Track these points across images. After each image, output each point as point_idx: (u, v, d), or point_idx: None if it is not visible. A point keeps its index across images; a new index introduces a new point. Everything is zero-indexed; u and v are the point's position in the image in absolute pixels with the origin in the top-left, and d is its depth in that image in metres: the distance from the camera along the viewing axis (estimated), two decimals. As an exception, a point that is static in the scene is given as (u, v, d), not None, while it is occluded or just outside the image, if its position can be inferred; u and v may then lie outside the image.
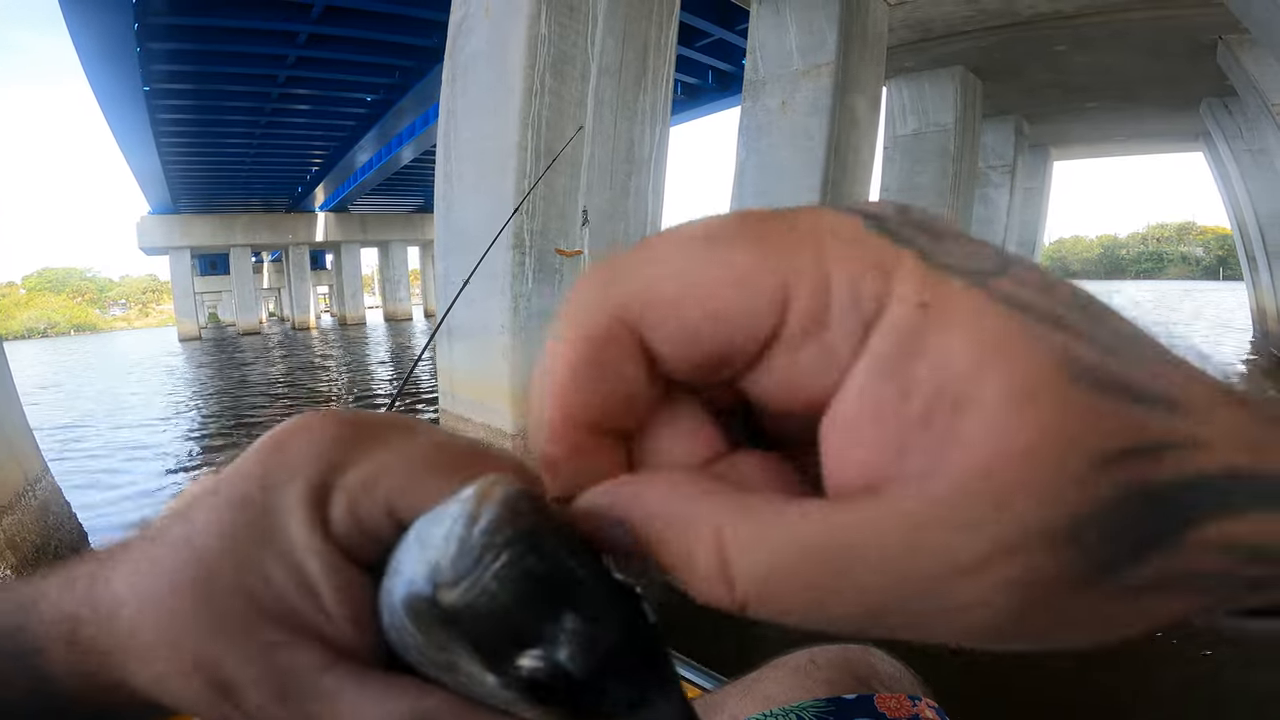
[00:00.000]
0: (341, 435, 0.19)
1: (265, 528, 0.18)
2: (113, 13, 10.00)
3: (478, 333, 4.78)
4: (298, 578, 0.18)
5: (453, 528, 0.15)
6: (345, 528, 0.18)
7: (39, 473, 4.15)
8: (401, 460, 0.19)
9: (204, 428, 9.34)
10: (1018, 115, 14.76)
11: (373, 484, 0.18)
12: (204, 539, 0.19)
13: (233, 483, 0.19)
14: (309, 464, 0.19)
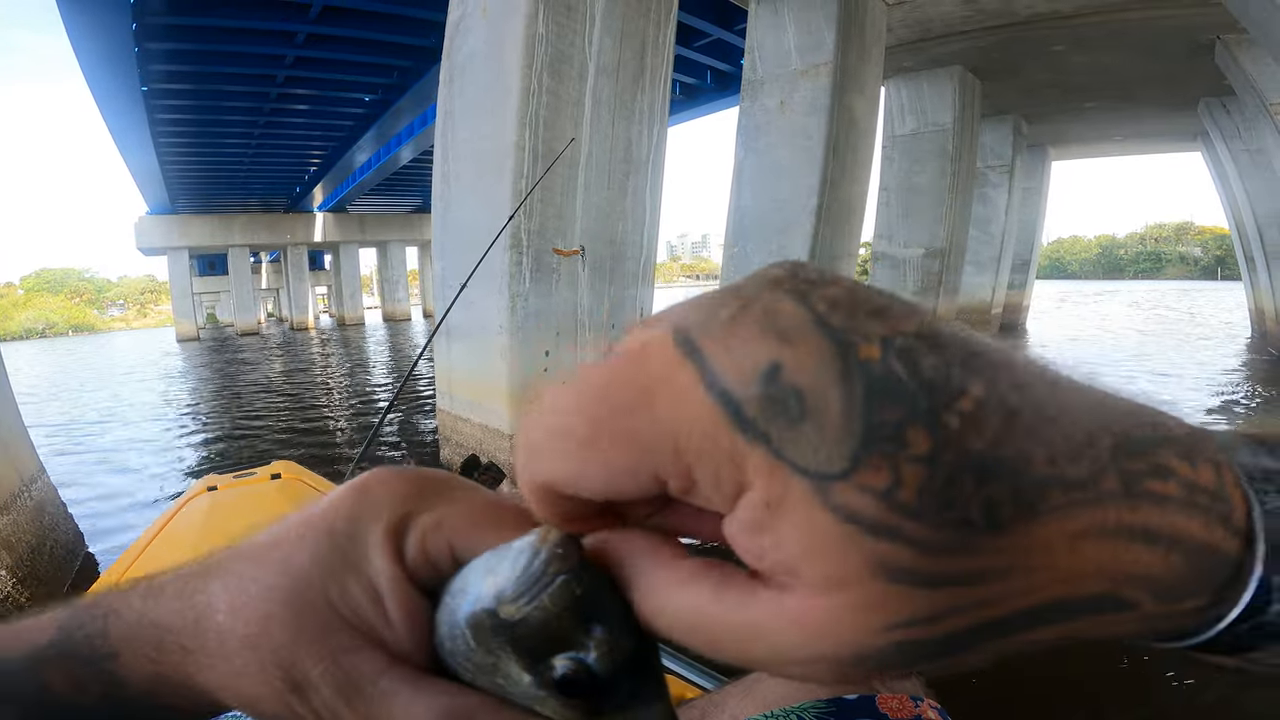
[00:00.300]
0: (414, 487, 0.24)
1: (350, 553, 0.22)
2: (111, 13, 9.98)
3: (475, 333, 4.77)
4: (371, 594, 0.22)
5: (518, 560, 0.20)
6: (414, 559, 0.23)
7: (35, 473, 4.14)
8: (462, 511, 0.23)
9: (202, 430, 9.32)
10: (1016, 115, 14.77)
11: (439, 526, 0.23)
12: (298, 559, 0.23)
13: (325, 516, 0.23)
14: (389, 506, 0.23)
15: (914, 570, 0.15)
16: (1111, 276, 59.28)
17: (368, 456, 1.55)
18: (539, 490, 0.20)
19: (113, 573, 1.87)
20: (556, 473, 0.19)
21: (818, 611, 0.16)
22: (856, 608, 0.15)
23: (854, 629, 0.15)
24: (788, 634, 0.16)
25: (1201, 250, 57.59)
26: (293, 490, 2.32)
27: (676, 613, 0.18)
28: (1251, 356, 12.18)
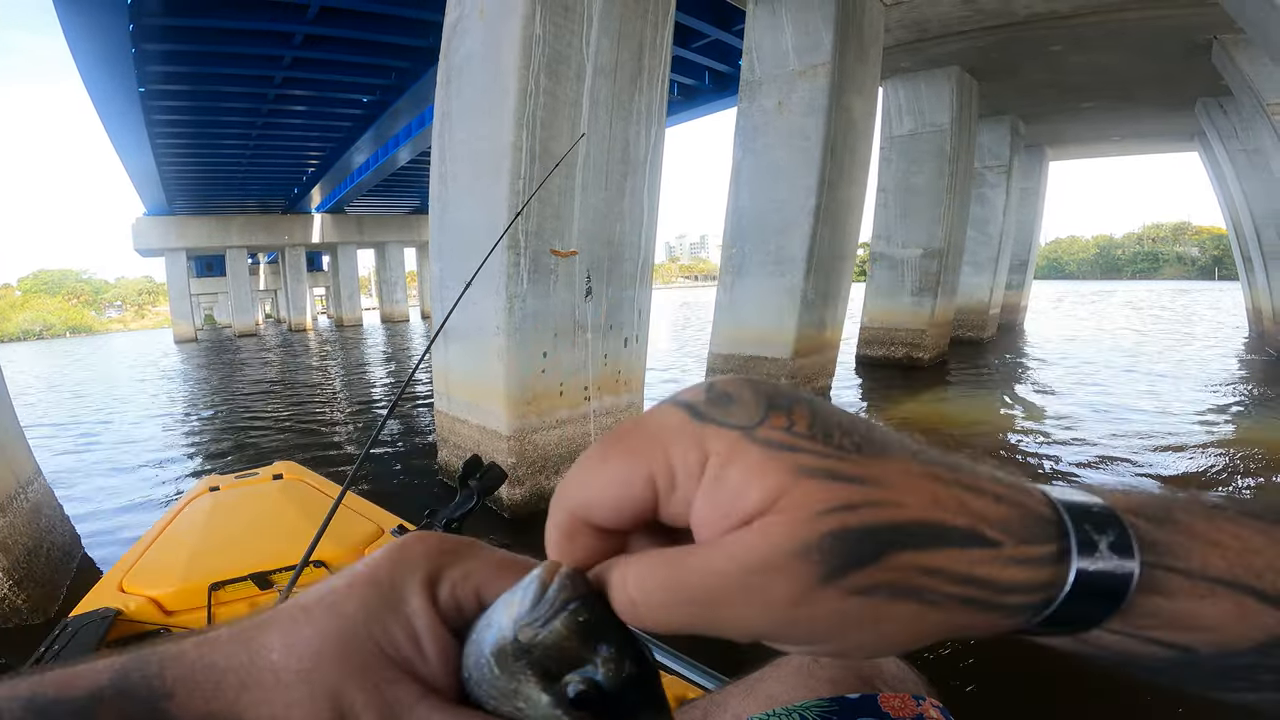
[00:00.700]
0: (446, 546, 0.28)
1: (392, 599, 0.26)
2: (107, 14, 9.96)
3: (472, 334, 4.76)
4: (410, 634, 0.25)
5: (529, 590, 0.24)
6: (445, 604, 0.26)
7: (31, 475, 4.12)
8: (486, 564, 0.27)
9: (200, 432, 9.31)
10: (1013, 115, 14.79)
11: (467, 577, 0.27)
12: (347, 605, 0.26)
13: (370, 569, 0.27)
14: (425, 561, 0.27)
15: (819, 468, 0.22)
16: (1109, 277, 59.35)
17: (369, 458, 1.55)
18: (564, 522, 0.25)
19: (116, 572, 1.86)
20: (579, 495, 0.24)
21: (764, 522, 0.21)
22: (789, 505, 0.21)
23: (791, 523, 0.21)
24: (743, 555, 0.21)
25: (1199, 250, 57.67)
26: (295, 491, 2.32)
27: (647, 590, 0.23)
28: (1249, 356, 12.19)
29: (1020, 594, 0.23)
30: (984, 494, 0.23)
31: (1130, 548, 0.23)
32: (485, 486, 1.38)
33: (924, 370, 11.41)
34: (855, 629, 0.22)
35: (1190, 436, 6.64)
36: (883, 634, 0.22)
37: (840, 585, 0.21)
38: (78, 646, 1.49)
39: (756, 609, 0.21)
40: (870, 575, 0.21)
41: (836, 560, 0.21)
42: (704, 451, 0.23)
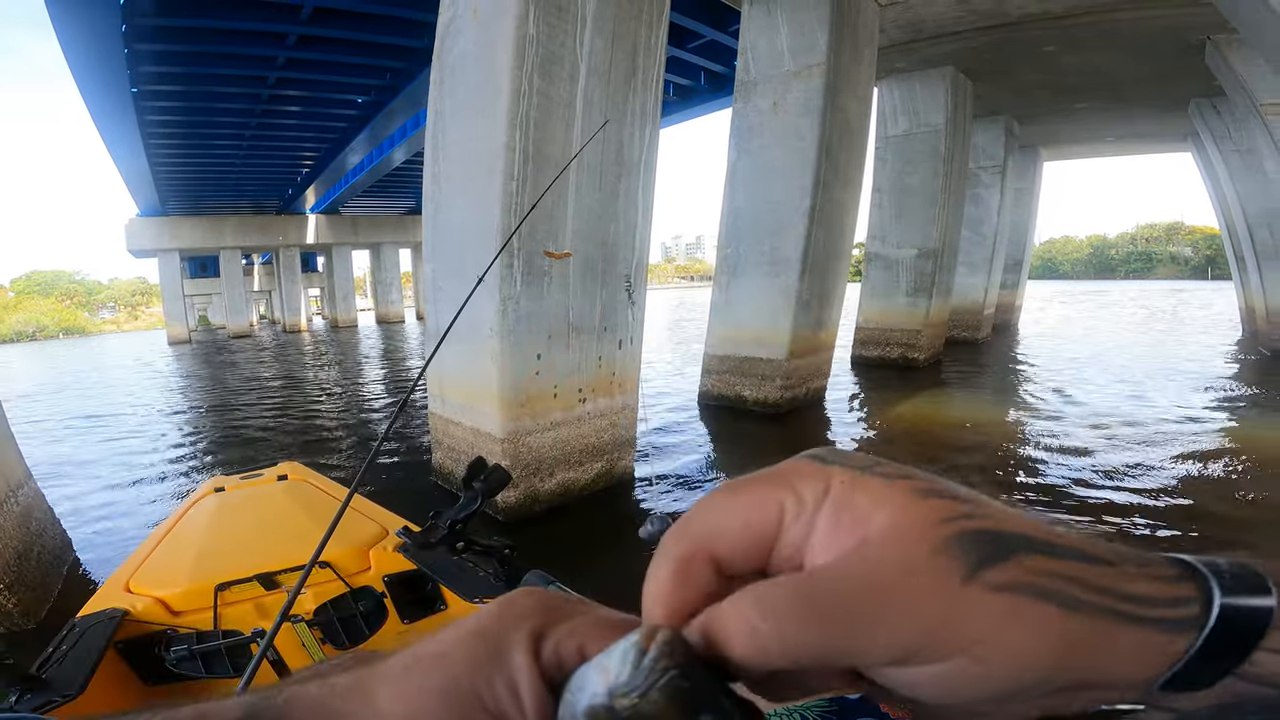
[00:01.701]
0: (551, 603, 0.28)
1: (497, 653, 0.26)
2: (100, 14, 9.90)
3: (466, 336, 4.74)
4: (511, 687, 0.25)
5: (627, 656, 0.23)
6: (548, 660, 0.26)
7: (21, 479, 4.09)
8: (592, 622, 0.27)
9: (195, 435, 9.26)
10: (1008, 116, 14.82)
11: (573, 634, 0.26)
12: (454, 657, 0.27)
13: (479, 623, 0.27)
14: (532, 617, 0.27)
15: (934, 489, 0.24)
16: (1103, 276, 59.54)
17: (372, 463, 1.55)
18: (685, 554, 0.25)
19: (123, 572, 1.87)
20: (707, 521, 0.25)
21: (895, 529, 0.23)
22: (915, 517, 0.23)
23: (923, 529, 0.22)
24: (881, 559, 0.22)
25: (1192, 250, 57.87)
26: (299, 491, 2.31)
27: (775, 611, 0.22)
28: (1243, 355, 12.24)
29: (1172, 609, 0.22)
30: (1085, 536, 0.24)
31: (1262, 578, 0.23)
32: (490, 488, 1.37)
33: (920, 370, 11.41)
34: (1005, 630, 0.21)
35: (1186, 435, 6.65)
36: (1027, 637, 0.21)
37: (982, 580, 0.21)
38: (86, 646, 1.49)
39: (903, 612, 0.21)
40: (1007, 573, 0.22)
41: (973, 556, 0.22)
42: (829, 483, 0.24)
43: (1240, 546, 0.26)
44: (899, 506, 0.23)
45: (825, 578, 0.22)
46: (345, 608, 1.87)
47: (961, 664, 0.22)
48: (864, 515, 0.23)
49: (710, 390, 8.86)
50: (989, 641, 0.21)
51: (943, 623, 0.21)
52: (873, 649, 0.22)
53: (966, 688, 0.22)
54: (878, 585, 0.22)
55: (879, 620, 0.21)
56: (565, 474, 5.13)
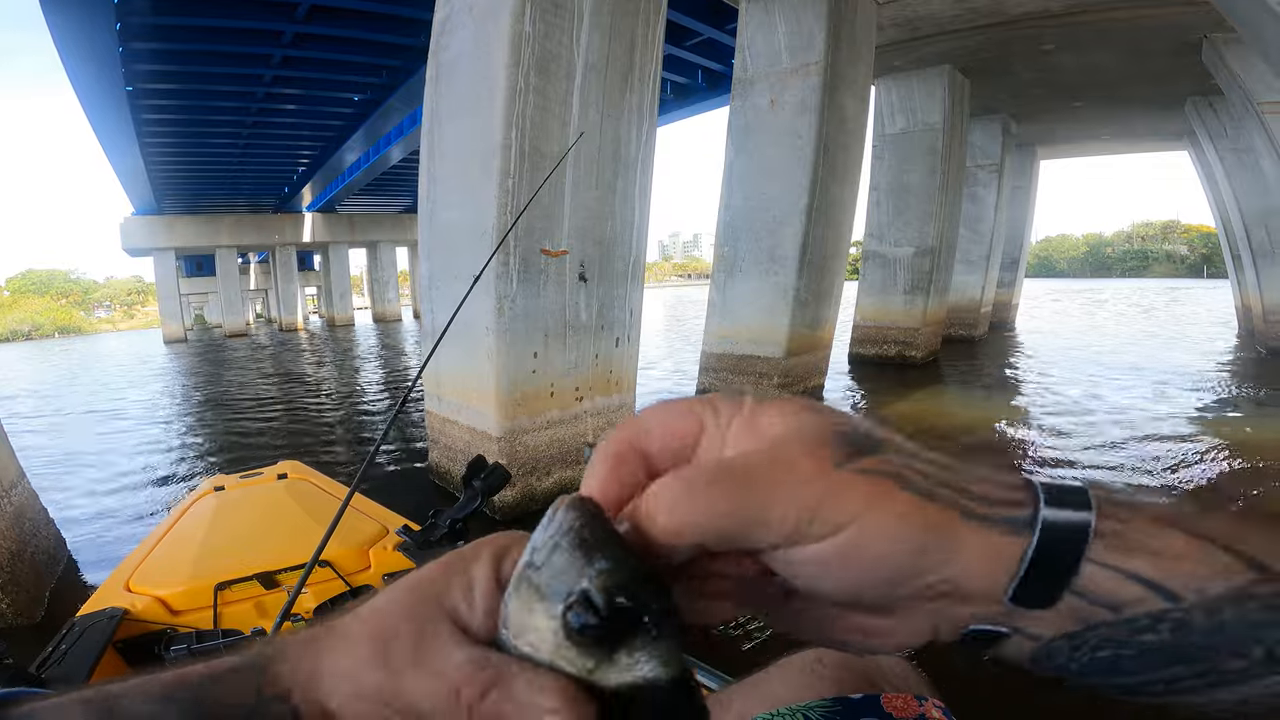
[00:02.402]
0: (521, 538, 0.29)
1: (462, 564, 0.28)
2: (94, 12, 9.85)
3: (462, 334, 4.72)
4: (466, 588, 0.28)
5: (544, 520, 0.25)
6: (507, 570, 0.28)
7: (14, 478, 4.07)
8: None
9: (189, 437, 9.23)
10: (1005, 114, 14.83)
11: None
12: (427, 570, 0.29)
13: (454, 551, 0.30)
14: (498, 541, 0.29)
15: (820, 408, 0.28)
16: (1099, 275, 59.62)
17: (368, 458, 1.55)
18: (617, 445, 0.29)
19: (123, 571, 1.87)
20: (640, 420, 0.29)
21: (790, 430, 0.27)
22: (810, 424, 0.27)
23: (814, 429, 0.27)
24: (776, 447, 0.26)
25: (1188, 249, 57.99)
26: (300, 490, 2.31)
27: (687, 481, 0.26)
28: (1240, 354, 12.27)
29: (1010, 509, 0.25)
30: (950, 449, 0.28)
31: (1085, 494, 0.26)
32: (489, 486, 1.37)
33: (917, 369, 11.42)
34: (868, 510, 0.25)
35: (1182, 433, 6.66)
36: (889, 518, 0.25)
37: (854, 465, 0.25)
38: (85, 646, 1.48)
39: (792, 490, 0.25)
40: (872, 462, 0.26)
41: (848, 447, 0.26)
42: (743, 404, 0.29)
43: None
44: (795, 415, 0.27)
45: (735, 461, 0.26)
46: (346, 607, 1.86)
47: (837, 543, 0.25)
48: (767, 425, 0.27)
49: (707, 389, 8.81)
50: (860, 520, 0.24)
51: (822, 500, 0.25)
52: (769, 522, 0.25)
53: (841, 569, 0.25)
54: (775, 467, 0.25)
55: (774, 497, 0.25)
56: (563, 473, 5.12)
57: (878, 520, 0.25)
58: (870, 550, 0.25)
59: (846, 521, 0.24)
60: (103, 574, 4.14)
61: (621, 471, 0.28)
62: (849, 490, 0.25)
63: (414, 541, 1.41)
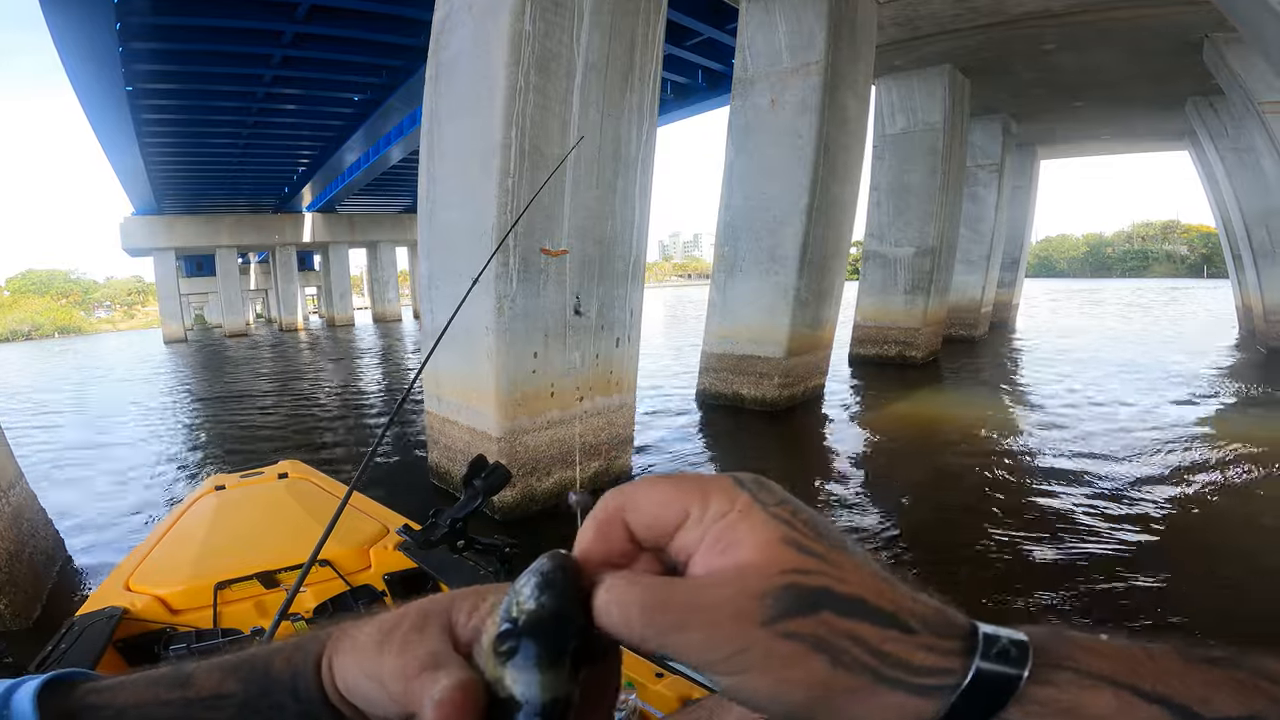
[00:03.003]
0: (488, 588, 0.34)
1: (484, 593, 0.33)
2: (94, 12, 9.84)
3: (462, 334, 4.70)
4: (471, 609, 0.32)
5: (531, 565, 0.30)
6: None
7: (13, 479, 4.05)
8: None
9: (188, 437, 9.22)
10: (1005, 114, 14.82)
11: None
12: (455, 591, 0.34)
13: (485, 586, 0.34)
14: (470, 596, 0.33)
15: (797, 541, 0.28)
16: (1099, 275, 59.56)
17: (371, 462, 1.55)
18: (604, 514, 0.31)
19: (123, 570, 1.87)
20: (629, 495, 0.31)
21: (743, 567, 0.28)
22: (766, 560, 0.28)
23: (761, 574, 0.27)
24: (717, 590, 0.27)
25: (1188, 249, 57.92)
26: (300, 490, 2.31)
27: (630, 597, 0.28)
28: (1240, 354, 12.25)
29: (929, 677, 0.26)
30: (912, 597, 0.28)
31: (1026, 650, 0.27)
32: (490, 486, 1.36)
33: (917, 369, 11.41)
34: (775, 668, 0.26)
35: (1182, 433, 6.65)
36: (792, 678, 0.26)
37: (777, 627, 0.26)
38: (85, 645, 1.49)
39: (710, 634, 0.27)
40: (801, 624, 0.26)
41: (780, 607, 0.27)
42: (733, 506, 0.29)
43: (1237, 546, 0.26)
44: (760, 548, 0.28)
45: (673, 588, 0.28)
46: (345, 606, 1.86)
47: (739, 681, 0.27)
48: (735, 545, 0.28)
49: (708, 389, 8.84)
50: (758, 673, 0.26)
51: (729, 651, 0.26)
52: (681, 652, 0.27)
53: (741, 699, 0.27)
54: (705, 608, 0.27)
55: (685, 636, 0.27)
56: (563, 473, 5.11)
57: (767, 677, 0.26)
58: (759, 698, 0.27)
59: (737, 672, 0.26)
60: (101, 575, 4.12)
61: (608, 536, 0.31)
62: (752, 647, 0.26)
63: (415, 541, 1.40)
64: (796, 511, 0.30)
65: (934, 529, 4.66)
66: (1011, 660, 0.26)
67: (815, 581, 0.27)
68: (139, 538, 2.18)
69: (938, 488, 5.53)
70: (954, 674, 0.26)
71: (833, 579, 0.28)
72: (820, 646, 0.26)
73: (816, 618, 0.26)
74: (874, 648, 0.26)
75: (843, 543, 0.30)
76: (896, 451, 6.70)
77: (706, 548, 0.29)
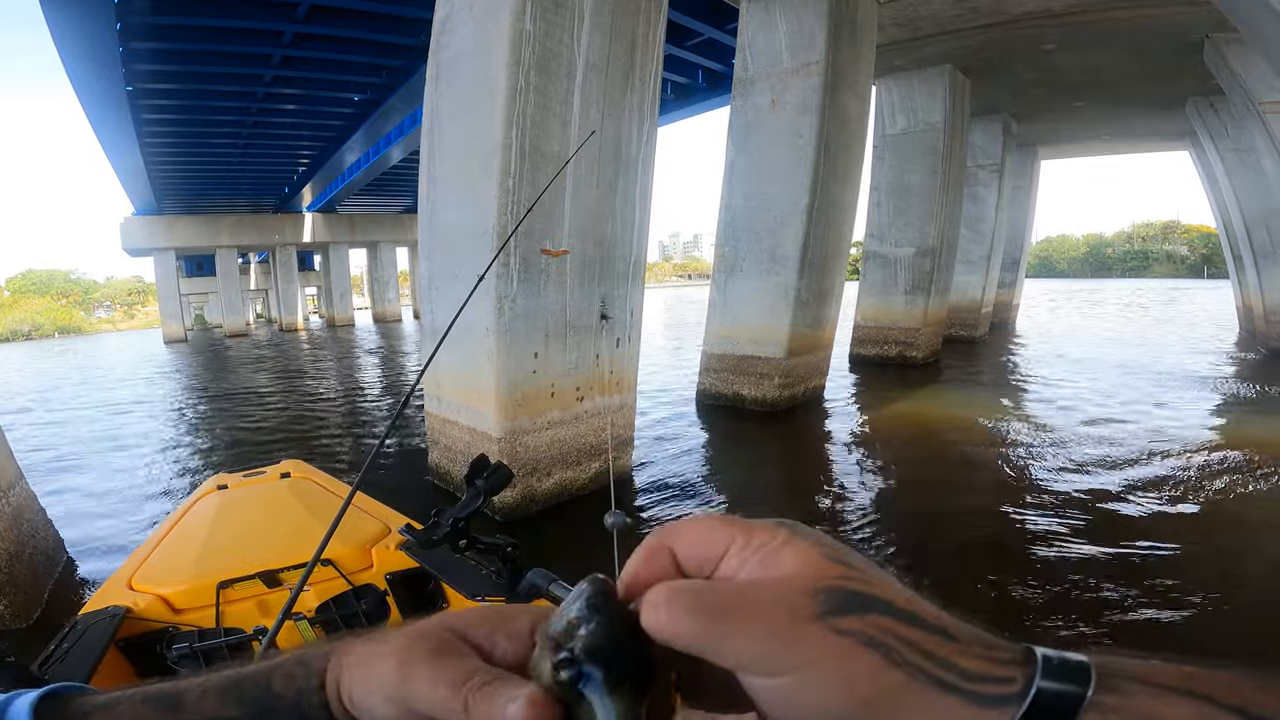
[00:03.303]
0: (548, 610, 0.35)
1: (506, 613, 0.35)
2: (94, 12, 9.83)
3: (462, 335, 4.70)
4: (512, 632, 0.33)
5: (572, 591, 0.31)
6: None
7: (13, 479, 4.05)
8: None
9: (188, 437, 9.21)
10: (1005, 114, 14.81)
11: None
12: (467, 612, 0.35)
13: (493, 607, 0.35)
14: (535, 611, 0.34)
15: (839, 558, 0.29)
16: (1099, 275, 59.53)
17: (374, 462, 1.54)
18: (654, 541, 0.32)
19: (126, 569, 1.88)
20: (678, 527, 0.32)
21: (789, 575, 0.28)
22: (812, 569, 0.28)
23: (808, 578, 0.28)
24: (764, 587, 0.28)
25: (1188, 249, 57.89)
26: (302, 489, 2.32)
27: (677, 593, 0.28)
28: (1241, 354, 12.24)
29: (988, 685, 0.26)
30: (954, 619, 0.28)
31: (1086, 667, 0.26)
32: (492, 486, 1.36)
33: (917, 369, 11.40)
34: (829, 662, 0.26)
35: (1183, 434, 6.64)
36: (846, 675, 0.25)
37: (829, 622, 0.26)
38: (88, 644, 1.50)
39: (757, 628, 0.26)
40: (852, 622, 0.26)
41: (832, 603, 0.27)
42: (774, 538, 0.30)
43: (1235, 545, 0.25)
44: (804, 563, 0.28)
45: (718, 588, 0.28)
46: (347, 605, 1.87)
47: (788, 682, 0.26)
48: (778, 564, 0.29)
49: (709, 389, 8.84)
50: (812, 668, 0.26)
51: (783, 645, 0.26)
52: (726, 651, 0.26)
53: (790, 704, 0.26)
54: (750, 605, 0.27)
55: (737, 629, 0.26)
56: (563, 473, 5.10)
57: (821, 673, 0.26)
58: (808, 699, 0.26)
59: (791, 669, 0.26)
60: (101, 575, 4.12)
61: (652, 563, 0.31)
62: (805, 641, 0.26)
63: (417, 540, 1.40)
64: (835, 543, 0.31)
65: (935, 530, 4.65)
66: (1072, 675, 0.26)
67: (861, 588, 0.28)
68: (140, 538, 2.18)
69: (939, 489, 5.52)
70: (1014, 683, 0.26)
71: (877, 590, 0.28)
72: (872, 644, 0.26)
73: (866, 618, 0.26)
74: (926, 650, 0.26)
75: (880, 571, 0.30)
76: (897, 452, 6.69)
77: (749, 570, 0.29)
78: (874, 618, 0.26)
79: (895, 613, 0.27)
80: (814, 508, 5.08)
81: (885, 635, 0.26)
